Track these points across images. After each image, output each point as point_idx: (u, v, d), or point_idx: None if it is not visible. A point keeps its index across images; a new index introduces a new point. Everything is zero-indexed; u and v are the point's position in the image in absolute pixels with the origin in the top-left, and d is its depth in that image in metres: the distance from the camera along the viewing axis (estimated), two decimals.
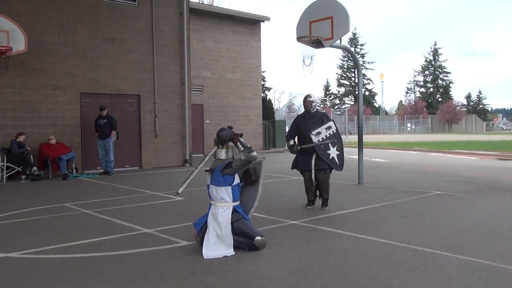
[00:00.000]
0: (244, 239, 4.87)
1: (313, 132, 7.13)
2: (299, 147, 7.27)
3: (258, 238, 4.88)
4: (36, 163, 11.98)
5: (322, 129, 7.16)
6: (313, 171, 7.19)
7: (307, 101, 7.41)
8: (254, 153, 4.85)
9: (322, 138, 7.11)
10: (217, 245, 4.73)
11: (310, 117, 7.37)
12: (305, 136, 7.24)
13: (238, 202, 5.02)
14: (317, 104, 7.64)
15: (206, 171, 5.01)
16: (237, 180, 4.97)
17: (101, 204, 7.98)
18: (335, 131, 7.23)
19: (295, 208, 7.27)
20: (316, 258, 4.59)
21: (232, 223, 4.87)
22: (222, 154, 4.99)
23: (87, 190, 9.95)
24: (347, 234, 5.59)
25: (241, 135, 5.04)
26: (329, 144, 7.12)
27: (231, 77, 21.49)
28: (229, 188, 4.88)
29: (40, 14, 12.53)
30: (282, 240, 5.28)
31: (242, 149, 4.88)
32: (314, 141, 7.12)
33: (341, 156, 7.25)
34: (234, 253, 4.74)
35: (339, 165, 7.25)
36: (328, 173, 7.28)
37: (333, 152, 7.17)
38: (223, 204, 4.88)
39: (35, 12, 12.45)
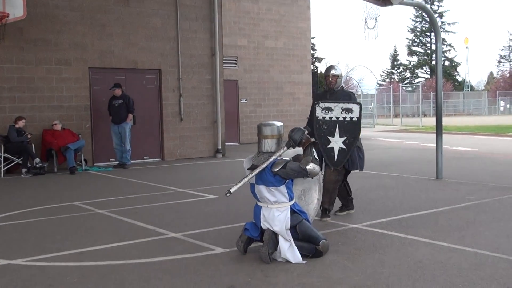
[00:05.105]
0: (307, 244, 4.94)
1: (321, 105, 6.46)
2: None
3: (323, 241, 4.96)
4: (38, 153, 12.42)
5: (337, 106, 6.44)
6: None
7: (330, 74, 6.90)
8: (318, 169, 5.01)
9: (330, 117, 6.43)
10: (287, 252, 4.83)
11: (332, 96, 6.88)
12: None
13: (294, 200, 5.12)
14: (342, 81, 7.13)
15: (248, 169, 5.08)
16: None
17: (118, 203, 8.24)
18: (355, 120, 6.47)
19: (356, 208, 7.27)
20: (383, 270, 4.62)
21: (294, 226, 4.95)
22: (271, 146, 5.02)
23: (99, 186, 10.30)
24: (423, 241, 5.57)
25: (315, 143, 5.22)
26: (337, 129, 6.41)
27: (273, 46, 21.49)
28: (283, 188, 4.95)
29: None
30: (341, 248, 5.31)
31: (310, 158, 4.95)
32: (317, 115, 6.45)
33: (344, 153, 6.46)
34: (305, 262, 4.82)
35: (335, 162, 6.48)
36: (339, 174, 6.66)
37: (336, 142, 6.43)
38: (278, 206, 4.95)
39: None
